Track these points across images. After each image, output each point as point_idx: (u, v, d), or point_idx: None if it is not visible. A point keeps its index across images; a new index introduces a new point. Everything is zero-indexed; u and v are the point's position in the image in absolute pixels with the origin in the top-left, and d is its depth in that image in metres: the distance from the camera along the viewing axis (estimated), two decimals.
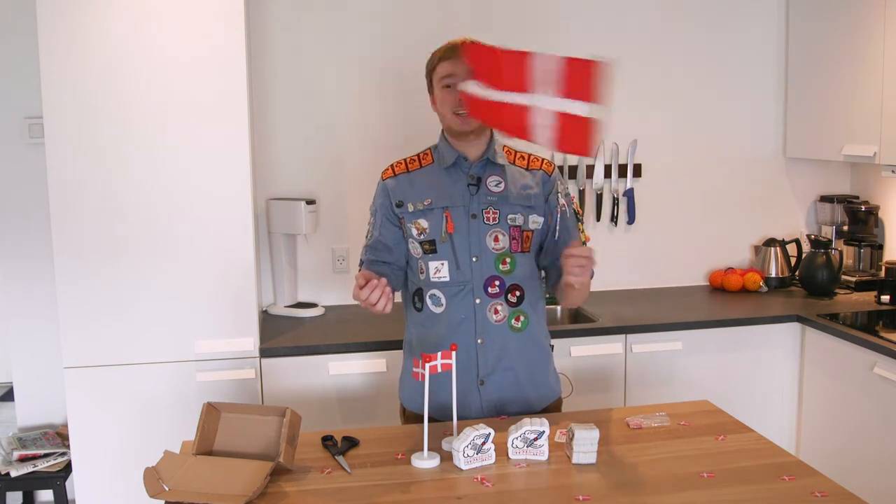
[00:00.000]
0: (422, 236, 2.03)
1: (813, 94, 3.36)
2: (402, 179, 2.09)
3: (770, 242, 3.50)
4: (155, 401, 2.67)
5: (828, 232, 3.57)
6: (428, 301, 2.05)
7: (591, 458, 1.71)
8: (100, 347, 2.63)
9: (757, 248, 3.58)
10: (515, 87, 1.81)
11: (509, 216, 2.03)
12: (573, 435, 1.71)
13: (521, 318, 2.06)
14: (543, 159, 2.13)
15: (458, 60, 1.97)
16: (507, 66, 1.81)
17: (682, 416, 1.99)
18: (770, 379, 3.08)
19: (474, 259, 2.01)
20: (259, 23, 3.13)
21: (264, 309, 3.22)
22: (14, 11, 3.04)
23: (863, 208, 3.46)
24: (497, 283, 2.02)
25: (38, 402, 3.21)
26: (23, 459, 2.92)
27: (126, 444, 2.66)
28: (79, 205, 2.57)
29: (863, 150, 3.07)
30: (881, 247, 3.45)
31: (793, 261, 3.51)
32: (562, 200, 2.09)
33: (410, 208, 2.05)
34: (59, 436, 3.08)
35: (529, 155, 2.12)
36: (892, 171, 3.00)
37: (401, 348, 2.24)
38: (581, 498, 1.57)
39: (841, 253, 3.48)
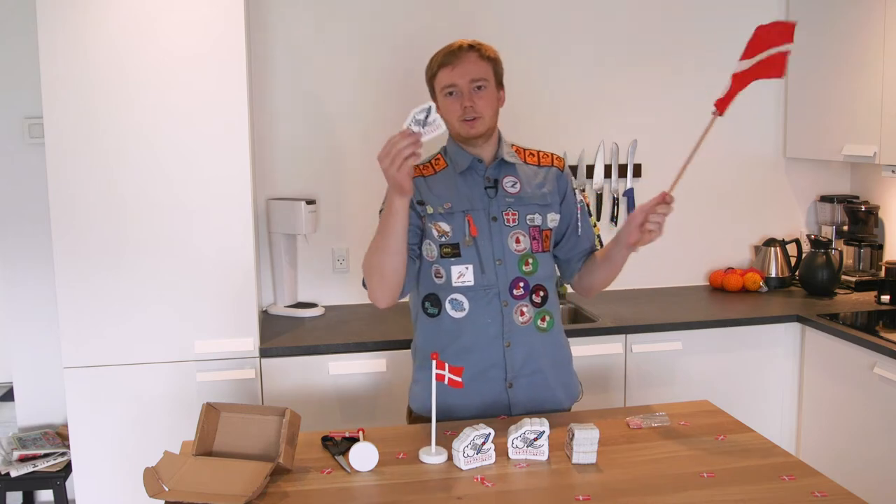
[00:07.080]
0: (443, 238, 1.98)
1: (813, 94, 3.36)
2: (419, 182, 2.02)
3: (770, 242, 3.50)
4: (155, 401, 2.67)
5: (828, 232, 3.57)
6: (447, 306, 2.01)
7: (591, 458, 1.71)
8: (100, 347, 2.63)
9: (757, 248, 3.58)
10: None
11: (528, 216, 2.01)
12: (573, 435, 1.71)
13: (547, 319, 2.05)
14: (553, 155, 2.11)
15: (457, 67, 1.94)
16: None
17: (682, 416, 1.98)
18: (770, 379, 3.08)
19: (498, 262, 1.99)
20: (259, 22, 3.13)
21: (264, 309, 3.22)
22: (14, 11, 3.03)
23: (863, 208, 3.46)
24: (522, 284, 2.00)
25: (38, 402, 3.21)
26: (23, 459, 2.92)
27: (126, 444, 2.66)
28: (79, 205, 2.57)
29: (863, 150, 3.07)
30: (881, 247, 3.45)
31: (793, 261, 3.51)
32: (580, 196, 2.11)
33: (430, 210, 2.00)
34: (59, 436, 3.08)
35: (539, 152, 2.11)
36: (892, 171, 3.00)
37: (401, 348, 2.23)
38: (581, 498, 1.57)
39: (841, 253, 3.47)
